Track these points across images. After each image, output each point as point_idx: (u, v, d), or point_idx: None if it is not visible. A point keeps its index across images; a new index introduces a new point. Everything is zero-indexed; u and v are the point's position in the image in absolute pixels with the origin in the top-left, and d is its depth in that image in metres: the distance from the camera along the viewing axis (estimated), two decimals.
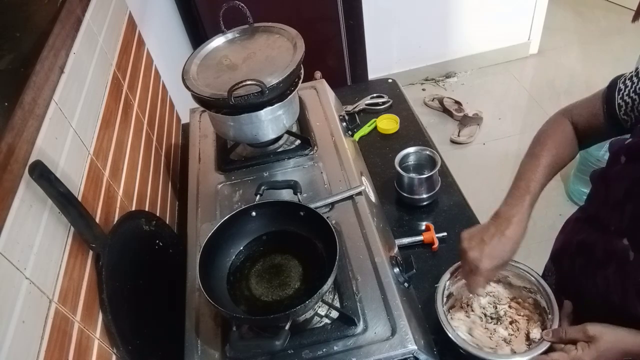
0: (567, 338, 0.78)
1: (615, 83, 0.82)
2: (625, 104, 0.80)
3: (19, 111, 0.66)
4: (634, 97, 0.78)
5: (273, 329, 0.76)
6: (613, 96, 0.81)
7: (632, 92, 0.78)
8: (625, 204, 0.77)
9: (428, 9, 2.80)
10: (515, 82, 3.05)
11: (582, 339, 0.76)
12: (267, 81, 1.00)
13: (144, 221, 0.97)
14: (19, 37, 0.76)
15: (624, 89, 0.80)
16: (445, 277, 0.91)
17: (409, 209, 1.18)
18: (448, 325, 0.84)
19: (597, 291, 0.84)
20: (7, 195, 0.60)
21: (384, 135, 1.41)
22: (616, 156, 0.80)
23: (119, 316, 0.77)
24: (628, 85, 0.79)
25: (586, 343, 0.76)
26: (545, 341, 0.80)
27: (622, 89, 0.80)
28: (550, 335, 0.80)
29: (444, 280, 0.91)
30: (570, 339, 0.78)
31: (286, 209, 0.93)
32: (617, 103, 0.81)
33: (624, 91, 0.80)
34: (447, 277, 0.91)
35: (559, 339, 0.79)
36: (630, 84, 0.79)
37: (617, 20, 3.34)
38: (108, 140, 0.96)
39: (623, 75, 0.82)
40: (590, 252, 0.85)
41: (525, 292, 0.92)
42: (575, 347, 0.76)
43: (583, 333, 0.76)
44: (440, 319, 0.85)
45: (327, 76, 1.49)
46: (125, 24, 1.24)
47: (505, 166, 2.50)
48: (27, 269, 0.60)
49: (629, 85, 0.79)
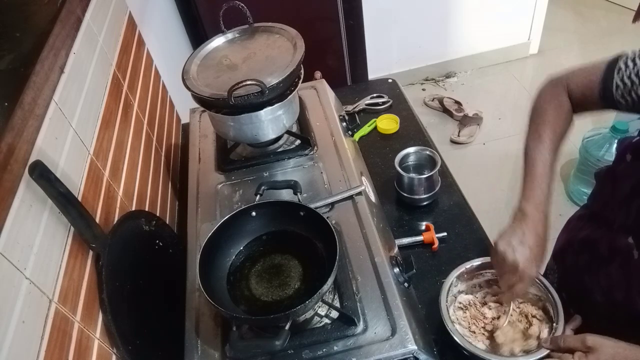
0: (565, 346, 0.76)
1: (616, 61, 0.77)
2: (623, 85, 0.75)
3: (19, 111, 0.66)
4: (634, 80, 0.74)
5: (273, 329, 0.76)
6: (612, 74, 0.76)
7: (632, 74, 0.74)
8: (631, 202, 0.76)
9: (428, 9, 2.80)
10: (515, 82, 3.05)
11: (581, 348, 0.74)
12: (267, 81, 1.00)
13: (144, 221, 0.97)
14: (19, 37, 0.76)
15: (624, 69, 0.75)
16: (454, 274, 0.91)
17: (409, 209, 1.18)
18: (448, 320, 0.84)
19: (600, 288, 0.83)
20: (7, 195, 0.60)
21: (384, 135, 1.41)
22: (623, 154, 0.80)
23: (119, 316, 0.77)
24: (630, 67, 0.75)
25: (584, 353, 0.73)
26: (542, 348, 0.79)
27: (623, 69, 0.75)
28: (549, 342, 0.79)
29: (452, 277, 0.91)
30: (567, 347, 0.76)
31: (286, 209, 0.93)
32: (615, 83, 0.76)
33: (624, 72, 0.75)
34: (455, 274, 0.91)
35: (556, 347, 0.77)
36: (632, 66, 0.74)
37: (617, 20, 3.34)
38: (108, 140, 0.96)
39: (625, 54, 0.77)
40: (594, 249, 0.85)
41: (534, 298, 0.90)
42: (572, 357, 0.74)
43: (582, 343, 0.74)
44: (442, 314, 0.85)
45: (327, 76, 1.49)
46: (125, 24, 1.24)
47: (505, 166, 2.50)
48: (27, 269, 0.60)
49: (631, 66, 0.74)
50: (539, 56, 3.18)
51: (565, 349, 0.76)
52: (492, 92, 3.00)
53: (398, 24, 2.82)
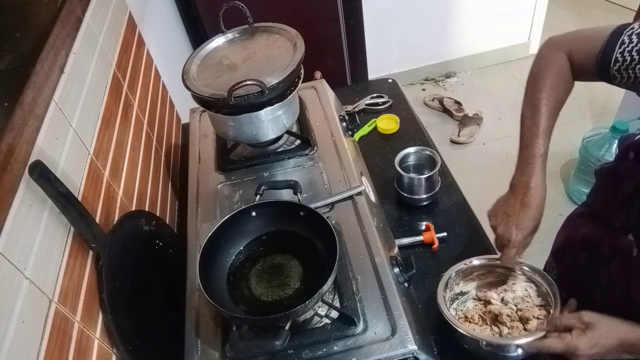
0: (562, 325, 0.77)
1: (621, 33, 0.73)
2: (622, 60, 0.72)
3: (19, 111, 0.66)
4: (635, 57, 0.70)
5: (273, 329, 0.76)
6: (613, 47, 0.73)
7: (635, 51, 0.70)
8: (634, 200, 0.76)
9: (428, 9, 2.80)
10: (515, 82, 3.05)
11: (578, 325, 0.75)
12: (267, 81, 1.00)
13: (144, 221, 0.97)
14: (19, 37, 0.76)
15: (627, 43, 0.71)
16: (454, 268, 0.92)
17: (409, 209, 1.18)
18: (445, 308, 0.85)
19: (600, 286, 0.83)
20: (7, 195, 0.60)
21: (384, 135, 1.41)
22: (625, 152, 0.80)
23: (119, 316, 0.77)
24: (634, 41, 0.71)
25: (581, 330, 0.74)
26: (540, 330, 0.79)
27: (626, 42, 0.72)
28: (546, 324, 0.79)
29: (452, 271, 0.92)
30: (565, 325, 0.77)
31: (286, 209, 0.93)
32: (615, 57, 0.73)
33: (627, 46, 0.71)
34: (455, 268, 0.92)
35: (554, 327, 0.78)
36: (636, 40, 0.71)
37: (617, 20, 3.27)
38: (108, 140, 0.96)
39: (632, 26, 0.73)
40: (594, 247, 0.85)
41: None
42: (570, 334, 0.75)
43: (578, 320, 0.75)
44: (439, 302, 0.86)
45: (327, 76, 1.49)
46: (125, 24, 1.24)
47: (505, 166, 2.48)
48: (27, 269, 0.60)
49: (635, 41, 0.71)
50: None
51: (563, 328, 0.77)
52: (492, 92, 3.00)
53: (398, 24, 2.82)
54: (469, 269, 0.93)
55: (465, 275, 0.94)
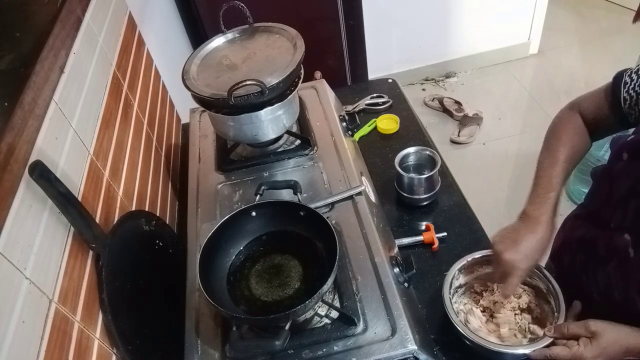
0: (569, 333, 0.78)
1: (621, 76, 0.82)
2: (630, 98, 0.80)
3: (19, 111, 0.66)
4: (639, 91, 0.78)
5: (273, 329, 0.76)
6: (619, 89, 0.82)
7: (636, 86, 0.79)
8: (628, 201, 0.77)
9: (428, 9, 2.80)
10: (515, 82, 3.05)
11: (584, 334, 0.76)
12: (267, 81, 1.00)
13: (144, 221, 0.97)
14: (19, 37, 0.76)
15: (630, 82, 0.80)
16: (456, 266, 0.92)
17: (409, 209, 1.18)
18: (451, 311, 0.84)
19: (598, 288, 0.84)
20: (7, 195, 0.60)
21: (384, 135, 1.41)
22: (619, 153, 0.80)
23: (119, 316, 0.77)
24: (634, 79, 0.80)
25: (588, 339, 0.75)
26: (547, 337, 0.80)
27: (628, 82, 0.81)
28: (552, 331, 0.80)
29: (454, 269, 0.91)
30: (572, 334, 0.78)
31: (286, 209, 0.93)
32: (623, 96, 0.81)
33: (630, 84, 0.80)
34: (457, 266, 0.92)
35: (561, 335, 0.79)
36: (636, 78, 0.80)
37: (617, 20, 3.34)
38: (108, 140, 0.96)
39: (629, 68, 0.83)
40: (591, 248, 0.85)
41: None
42: (577, 343, 0.76)
43: (585, 329, 0.76)
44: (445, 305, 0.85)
45: (327, 76, 1.49)
46: (125, 24, 1.24)
47: (505, 166, 2.50)
48: (27, 269, 0.60)
49: (635, 79, 0.80)
50: (539, 56, 3.18)
51: (569, 336, 0.78)
52: (492, 92, 3.00)
53: (398, 24, 2.82)
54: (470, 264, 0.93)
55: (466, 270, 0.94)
